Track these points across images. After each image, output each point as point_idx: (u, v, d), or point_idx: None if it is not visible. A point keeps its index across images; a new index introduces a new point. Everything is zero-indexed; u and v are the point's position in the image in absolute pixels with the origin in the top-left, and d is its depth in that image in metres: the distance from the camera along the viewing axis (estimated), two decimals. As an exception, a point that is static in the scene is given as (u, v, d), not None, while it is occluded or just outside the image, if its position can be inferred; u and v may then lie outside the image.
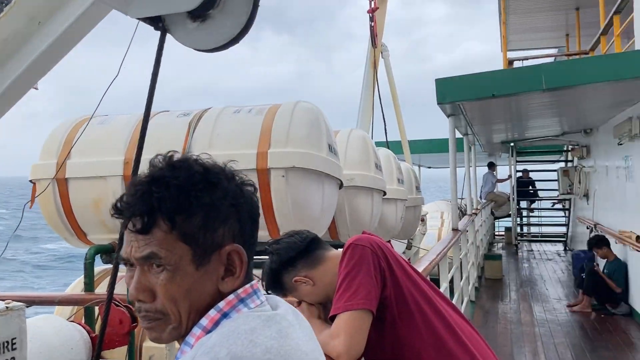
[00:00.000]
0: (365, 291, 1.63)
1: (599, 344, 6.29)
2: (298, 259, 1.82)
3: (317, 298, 1.81)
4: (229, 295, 0.99)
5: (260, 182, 3.43)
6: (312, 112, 3.56)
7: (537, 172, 16.71)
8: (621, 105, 7.21)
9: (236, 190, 1.02)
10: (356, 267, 1.66)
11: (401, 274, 1.73)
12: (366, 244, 1.71)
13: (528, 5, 11.37)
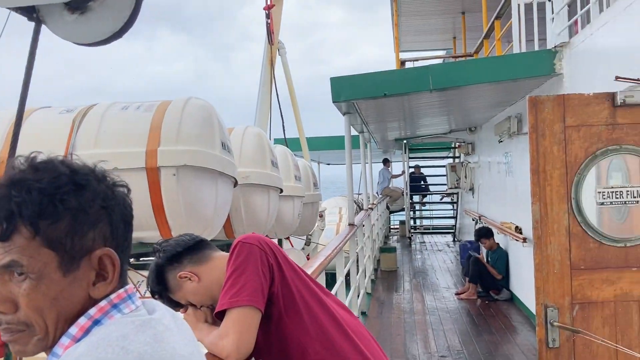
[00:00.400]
0: (252, 288, 1.63)
1: (483, 328, 6.73)
2: (185, 255, 1.79)
3: (202, 298, 1.78)
4: (101, 301, 0.95)
5: (150, 181, 3.33)
6: (204, 109, 3.50)
7: (428, 168, 17.54)
8: (501, 105, 7.73)
9: (107, 192, 0.97)
10: (243, 264, 1.65)
11: (289, 271, 1.74)
12: (254, 242, 1.71)
13: (418, 9, 11.87)
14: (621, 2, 3.95)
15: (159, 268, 1.79)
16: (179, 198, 3.32)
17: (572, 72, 5.17)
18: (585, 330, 2.87)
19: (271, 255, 1.72)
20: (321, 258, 3.87)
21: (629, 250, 2.93)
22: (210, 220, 3.56)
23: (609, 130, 2.91)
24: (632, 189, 2.94)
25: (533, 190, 2.93)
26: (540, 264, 2.92)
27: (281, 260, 1.75)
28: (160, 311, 1.01)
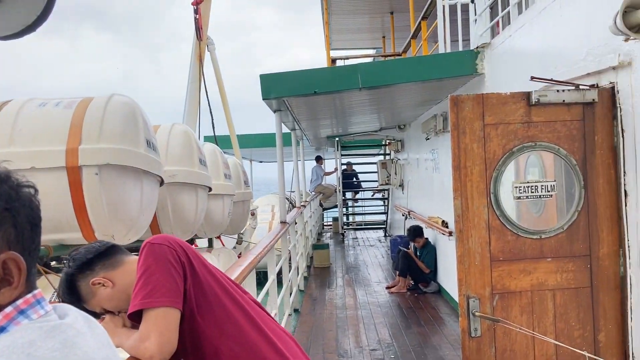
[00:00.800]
0: (167, 287, 1.60)
1: (412, 320, 6.91)
2: (96, 261, 1.74)
3: (118, 303, 1.73)
4: (6, 307, 0.91)
5: (71, 181, 3.19)
6: (128, 106, 3.39)
7: (360, 165, 17.81)
8: (428, 103, 7.96)
9: (10, 193, 0.92)
10: (154, 264, 1.62)
11: (201, 269, 1.72)
12: (163, 242, 1.68)
13: (348, 8, 12.01)
14: (537, 5, 4.15)
15: (69, 277, 1.73)
16: (102, 198, 3.20)
17: (493, 72, 5.39)
18: (505, 319, 3.01)
19: (182, 254, 1.70)
20: (251, 257, 3.85)
21: (543, 242, 3.09)
22: (135, 221, 3.45)
23: (525, 128, 3.06)
24: (546, 183, 3.10)
25: (455, 186, 3.04)
26: (462, 257, 3.03)
27: (192, 258, 1.73)
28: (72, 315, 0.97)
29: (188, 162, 4.28)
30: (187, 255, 1.71)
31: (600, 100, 3.07)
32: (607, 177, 3.07)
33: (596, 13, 3.20)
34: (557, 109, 3.06)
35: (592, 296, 3.09)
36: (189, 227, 4.41)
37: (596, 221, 3.08)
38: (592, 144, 3.07)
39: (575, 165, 3.07)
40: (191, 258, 1.71)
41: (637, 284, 2.98)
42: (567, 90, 3.08)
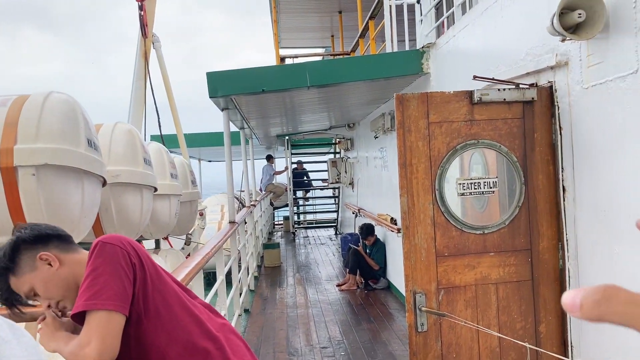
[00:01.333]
0: (113, 290, 1.55)
1: (362, 317, 6.96)
2: (54, 240, 1.69)
3: (52, 289, 1.65)
4: None
5: (6, 182, 3.05)
6: (67, 104, 3.27)
7: (311, 164, 17.82)
8: (376, 102, 8.04)
9: None
10: (103, 264, 1.57)
11: (152, 273, 1.68)
12: (115, 242, 1.63)
13: (297, 6, 11.99)
14: (479, 6, 4.25)
15: (18, 242, 1.65)
16: (40, 200, 3.07)
17: (438, 72, 5.49)
18: (450, 314, 3.07)
19: (134, 255, 1.65)
20: (198, 258, 3.78)
21: (487, 237, 3.17)
22: (76, 222, 3.33)
23: (468, 125, 3.12)
24: (488, 179, 3.18)
25: (401, 183, 3.07)
26: (408, 253, 3.07)
27: (144, 260, 1.69)
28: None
29: (132, 162, 4.17)
30: (139, 257, 1.66)
31: (539, 99, 3.17)
32: (546, 173, 3.18)
33: (534, 14, 3.30)
34: (498, 107, 3.14)
35: (533, 289, 3.20)
36: (134, 228, 4.30)
37: (536, 216, 3.18)
38: (532, 141, 3.17)
39: (516, 162, 3.16)
40: (143, 260, 1.67)
41: (575, 276, 3.09)
42: (507, 89, 3.17)
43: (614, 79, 2.61)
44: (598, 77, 2.74)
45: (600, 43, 2.71)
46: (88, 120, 3.47)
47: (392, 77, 6.08)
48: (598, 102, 2.76)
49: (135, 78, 8.18)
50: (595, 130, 2.81)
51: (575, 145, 3.02)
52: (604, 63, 2.69)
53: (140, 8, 7.95)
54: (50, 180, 3.11)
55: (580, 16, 2.67)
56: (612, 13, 2.60)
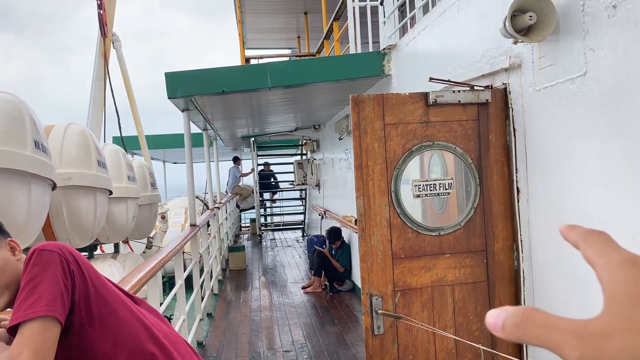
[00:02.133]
0: (50, 297, 1.47)
1: (326, 320, 6.94)
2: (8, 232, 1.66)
3: (6, 274, 1.60)
4: None
5: (-55, 185, 2.92)
6: (12, 104, 3.15)
7: (278, 165, 17.74)
8: (340, 103, 8.02)
9: None
10: (41, 273, 1.49)
11: (93, 279, 1.62)
12: (53, 249, 1.56)
13: (262, 7, 11.91)
14: (438, 8, 4.26)
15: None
16: (-18, 204, 2.95)
17: (399, 73, 5.49)
18: (406, 316, 3.05)
19: (73, 262, 1.59)
20: (153, 262, 3.69)
21: (442, 239, 3.17)
22: (23, 227, 3.21)
23: (423, 127, 3.12)
24: (444, 181, 3.18)
25: (357, 185, 3.05)
26: (364, 255, 3.04)
27: (84, 267, 1.62)
28: None
29: (85, 164, 4.05)
30: (78, 264, 1.60)
31: (493, 101, 3.18)
32: (500, 174, 3.20)
33: (489, 16, 3.31)
34: (453, 109, 3.14)
35: (489, 290, 3.21)
36: (88, 232, 4.18)
37: (491, 217, 3.19)
38: (486, 142, 3.18)
39: (471, 164, 3.16)
40: (82, 267, 1.61)
41: (529, 277, 3.12)
42: (462, 91, 3.17)
43: (564, 81, 2.63)
44: (549, 79, 2.76)
45: (551, 45, 2.73)
46: (36, 121, 3.35)
47: (355, 79, 6.07)
48: (549, 104, 2.78)
49: (94, 78, 7.99)
50: (547, 132, 2.83)
51: (528, 146, 3.04)
52: (554, 65, 2.71)
53: (99, 7, 7.77)
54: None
55: (531, 18, 2.68)
56: (561, 15, 2.62)
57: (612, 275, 0.36)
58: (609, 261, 0.37)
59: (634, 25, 2.16)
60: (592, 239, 0.40)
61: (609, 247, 0.38)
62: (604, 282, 0.36)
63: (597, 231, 0.40)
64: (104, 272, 4.80)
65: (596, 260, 0.38)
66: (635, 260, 0.36)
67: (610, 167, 2.36)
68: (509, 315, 0.35)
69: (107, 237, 4.96)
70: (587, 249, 0.39)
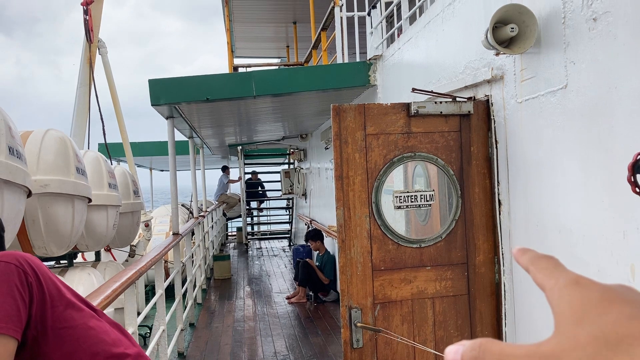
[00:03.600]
0: (5, 313, 1.42)
1: (310, 330, 6.87)
2: None
3: None
4: None
5: None
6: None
7: (265, 174, 17.66)
8: (326, 113, 8.00)
9: None
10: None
11: (52, 290, 1.56)
12: (11, 260, 1.49)
13: (251, 16, 11.91)
14: (422, 19, 4.26)
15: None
16: (-47, 210, 2.87)
17: (384, 83, 5.48)
18: (386, 329, 3.01)
19: (31, 274, 1.52)
20: (130, 272, 3.62)
21: (423, 251, 3.13)
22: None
23: (405, 138, 3.09)
24: (425, 193, 3.15)
25: (337, 196, 3.01)
26: (344, 267, 3.00)
27: (43, 279, 1.56)
28: None
29: (63, 171, 3.98)
30: (37, 275, 1.53)
31: (475, 112, 3.17)
32: (482, 186, 3.17)
33: (472, 28, 3.31)
34: (435, 120, 3.12)
35: (470, 303, 3.17)
36: (65, 241, 4.10)
37: (473, 230, 3.17)
38: (468, 154, 3.16)
39: (452, 175, 3.14)
40: (41, 279, 1.53)
41: (510, 290, 3.09)
42: (445, 102, 3.15)
43: (545, 94, 2.62)
44: (531, 92, 2.75)
45: (532, 57, 2.72)
46: (11, 127, 3.28)
47: (342, 89, 6.05)
48: (531, 117, 2.77)
49: (79, 84, 7.91)
50: (529, 144, 2.82)
51: (510, 159, 3.02)
52: (536, 77, 2.70)
53: (85, 12, 7.71)
54: (-35, 190, 2.91)
55: (513, 30, 2.67)
56: (543, 28, 2.61)
57: (559, 297, 0.37)
58: (557, 284, 0.39)
59: (614, 38, 2.15)
60: (542, 263, 0.41)
61: (556, 270, 0.40)
62: (553, 305, 0.38)
63: (546, 256, 0.41)
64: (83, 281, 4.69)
65: (545, 283, 0.40)
66: (578, 280, 0.38)
67: (590, 181, 2.35)
68: (467, 349, 0.36)
69: (86, 245, 4.88)
70: (537, 273, 0.41)
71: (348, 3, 7.32)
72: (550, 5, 2.55)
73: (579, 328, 0.34)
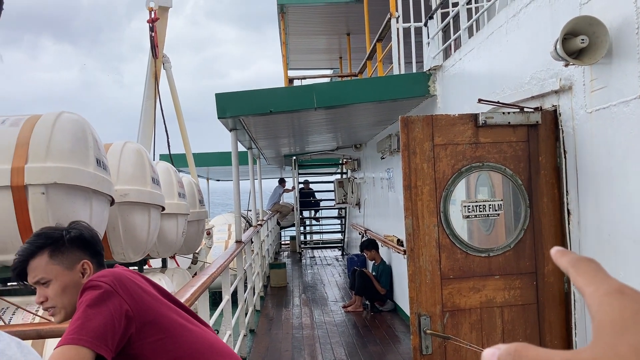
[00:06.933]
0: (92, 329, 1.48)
1: (368, 339, 6.92)
2: (99, 255, 1.73)
3: (67, 296, 1.64)
4: None
5: (16, 200, 3.10)
6: (77, 124, 3.33)
7: (318, 184, 17.84)
8: (383, 123, 8.08)
9: None
10: (92, 309, 1.50)
11: (150, 302, 1.65)
12: (107, 283, 1.56)
13: (306, 29, 12.13)
14: (485, 30, 4.30)
15: (82, 237, 1.71)
16: (49, 218, 3.11)
17: (444, 94, 5.53)
18: (455, 337, 3.06)
19: (125, 294, 1.59)
20: (204, 277, 3.80)
21: (492, 260, 3.17)
22: (84, 241, 3.37)
23: (473, 148, 3.14)
24: (493, 202, 3.19)
25: (406, 205, 3.09)
26: (413, 275, 3.07)
27: (137, 294, 1.63)
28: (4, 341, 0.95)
29: (140, 181, 4.22)
30: (132, 295, 1.60)
31: (543, 123, 3.19)
32: (551, 196, 3.19)
33: (539, 39, 3.33)
34: (503, 130, 3.16)
35: (539, 312, 3.18)
36: (141, 247, 4.33)
37: (541, 239, 3.18)
38: (536, 164, 3.18)
39: (520, 185, 3.17)
40: (134, 295, 1.61)
41: (580, 300, 3.08)
42: (512, 113, 3.19)
43: (618, 104, 2.63)
44: (601, 102, 2.76)
45: (603, 68, 2.74)
46: (97, 140, 3.53)
47: (399, 99, 6.13)
48: (602, 127, 2.78)
49: (145, 98, 8.28)
50: (600, 153, 2.82)
51: (579, 168, 3.03)
52: (607, 88, 2.71)
53: (151, 29, 8.09)
54: (59, 198, 3.15)
55: (583, 42, 2.70)
56: (615, 39, 2.63)
57: (600, 304, 0.36)
58: (597, 290, 0.38)
59: (690, 48, 2.16)
60: (582, 266, 0.40)
61: (598, 275, 0.39)
62: (593, 312, 0.37)
63: (587, 259, 0.41)
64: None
65: (585, 288, 0.39)
66: (622, 289, 0.37)
67: (666, 191, 2.34)
68: (503, 353, 0.36)
69: (157, 252, 5.12)
70: (577, 276, 0.40)
71: (404, 14, 7.40)
72: (623, 17, 2.57)
73: (619, 338, 0.33)
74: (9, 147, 3.19)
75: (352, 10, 11.02)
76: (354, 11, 10.99)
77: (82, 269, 1.70)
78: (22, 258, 1.67)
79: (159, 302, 1.69)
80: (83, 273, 1.70)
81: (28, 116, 3.43)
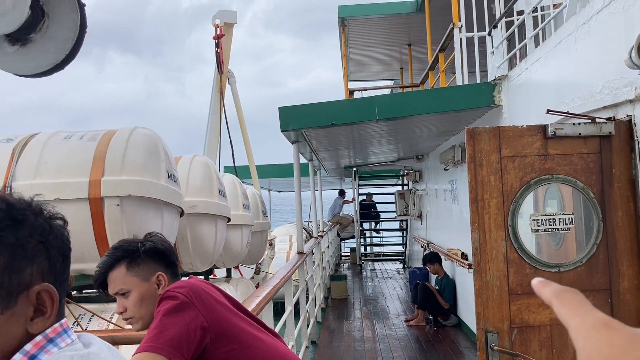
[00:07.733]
0: (168, 338, 1.53)
1: (431, 354, 6.80)
2: (174, 266, 1.80)
3: (144, 307, 1.72)
4: (36, 336, 0.94)
5: (93, 211, 3.27)
6: (150, 139, 3.48)
7: (378, 195, 17.76)
8: (446, 134, 7.98)
9: (44, 226, 0.96)
10: (169, 318, 1.56)
11: (223, 314, 1.69)
12: (184, 295, 1.61)
13: (366, 40, 12.18)
14: (553, 40, 4.19)
15: (157, 249, 1.78)
16: (123, 229, 3.26)
17: (510, 104, 5.41)
18: (524, 354, 2.97)
19: (201, 306, 1.63)
20: (268, 287, 3.86)
21: (562, 275, 3.06)
22: (155, 251, 3.51)
23: (542, 160, 3.06)
24: (564, 216, 3.09)
25: (472, 218, 3.04)
26: (480, 290, 3.01)
27: (212, 305, 1.66)
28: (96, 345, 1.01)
29: (208, 193, 4.35)
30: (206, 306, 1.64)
31: (617, 133, 3.07)
32: (626, 209, 3.05)
33: (611, 47, 3.22)
34: (573, 141, 3.07)
35: (614, 331, 3.04)
36: (208, 257, 4.45)
37: (616, 254, 3.05)
38: (609, 176, 3.06)
39: (593, 198, 3.05)
40: (209, 307, 1.65)
41: (660, 319, 2.93)
42: (583, 124, 3.09)
43: (699, 113, 2.50)
44: (682, 111, 2.63)
45: (683, 76, 2.62)
46: (168, 154, 3.67)
47: (462, 110, 6.05)
48: (682, 137, 2.65)
49: (210, 112, 8.54)
50: (680, 166, 2.69)
51: (657, 181, 2.89)
52: (687, 97, 2.58)
53: (216, 45, 8.35)
54: (133, 210, 3.30)
55: (660, 49, 2.59)
56: (695, 45, 2.51)
57: (586, 339, 0.36)
58: (583, 323, 0.38)
59: None
60: (566, 298, 0.40)
61: (583, 307, 0.39)
62: (579, 346, 0.37)
63: (571, 290, 0.40)
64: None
65: (570, 320, 0.39)
66: (609, 323, 0.37)
67: None
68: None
69: (223, 262, 5.25)
70: (561, 307, 0.40)
71: (467, 23, 7.31)
72: None
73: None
74: (87, 161, 3.37)
75: (413, 20, 10.98)
76: (415, 22, 10.94)
77: (157, 280, 1.77)
78: (101, 270, 1.76)
79: (232, 312, 1.74)
80: (158, 285, 1.77)
81: (104, 131, 3.62)
